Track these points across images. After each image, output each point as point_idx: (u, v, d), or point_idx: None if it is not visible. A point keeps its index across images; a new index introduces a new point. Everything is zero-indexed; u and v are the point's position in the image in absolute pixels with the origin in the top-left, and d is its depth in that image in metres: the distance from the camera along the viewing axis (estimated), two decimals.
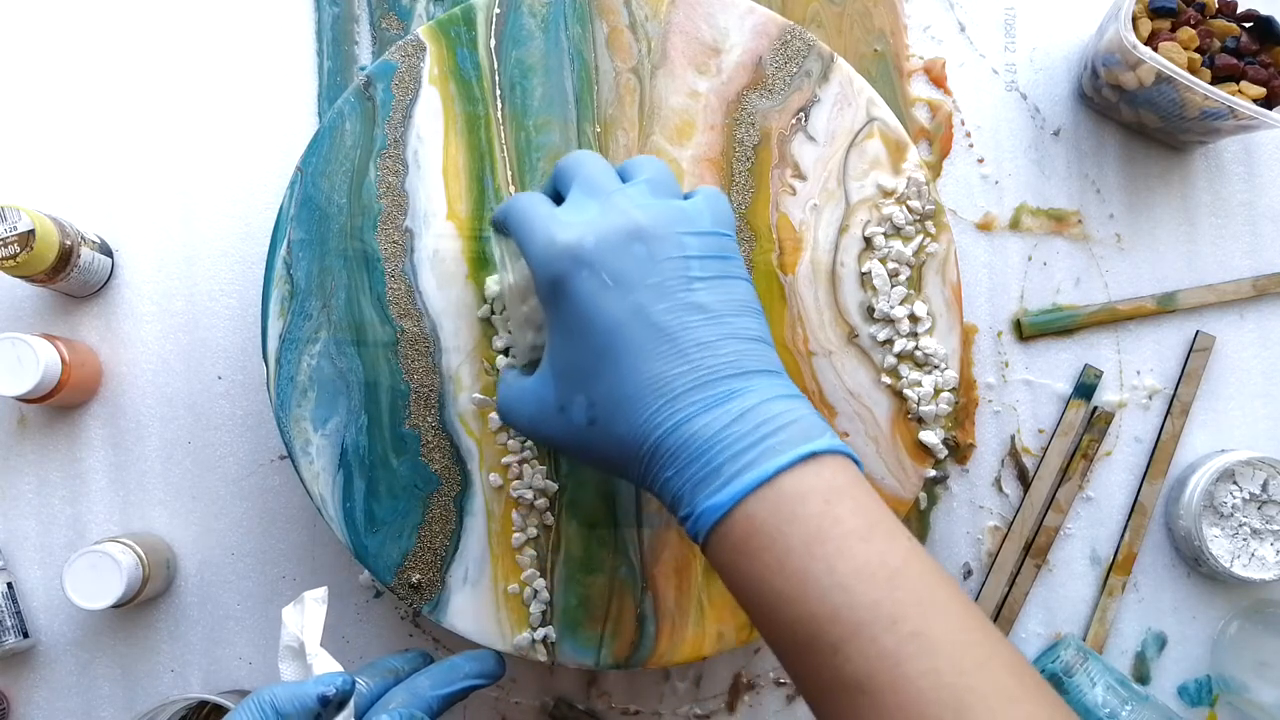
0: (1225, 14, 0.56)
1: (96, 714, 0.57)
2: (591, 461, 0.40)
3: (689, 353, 0.37)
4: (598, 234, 0.38)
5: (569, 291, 0.38)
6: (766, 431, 0.36)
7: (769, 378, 0.38)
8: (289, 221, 0.51)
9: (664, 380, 0.37)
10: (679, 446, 0.36)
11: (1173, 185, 0.61)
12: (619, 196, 0.40)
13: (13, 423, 0.58)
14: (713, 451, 0.36)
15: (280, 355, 0.51)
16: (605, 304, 0.38)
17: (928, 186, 0.53)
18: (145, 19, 0.60)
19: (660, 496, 0.38)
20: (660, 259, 0.38)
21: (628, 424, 0.37)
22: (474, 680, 0.45)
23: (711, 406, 0.36)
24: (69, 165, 0.59)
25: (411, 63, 0.52)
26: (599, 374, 0.38)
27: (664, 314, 0.37)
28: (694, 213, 0.40)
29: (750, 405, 0.36)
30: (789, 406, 0.37)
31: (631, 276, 0.38)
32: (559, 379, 0.39)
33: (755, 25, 0.53)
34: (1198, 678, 0.59)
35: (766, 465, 0.35)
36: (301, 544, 0.58)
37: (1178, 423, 0.59)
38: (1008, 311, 0.60)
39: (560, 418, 0.40)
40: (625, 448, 0.38)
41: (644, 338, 0.37)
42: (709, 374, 0.37)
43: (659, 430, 0.37)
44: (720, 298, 0.38)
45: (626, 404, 0.37)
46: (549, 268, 0.38)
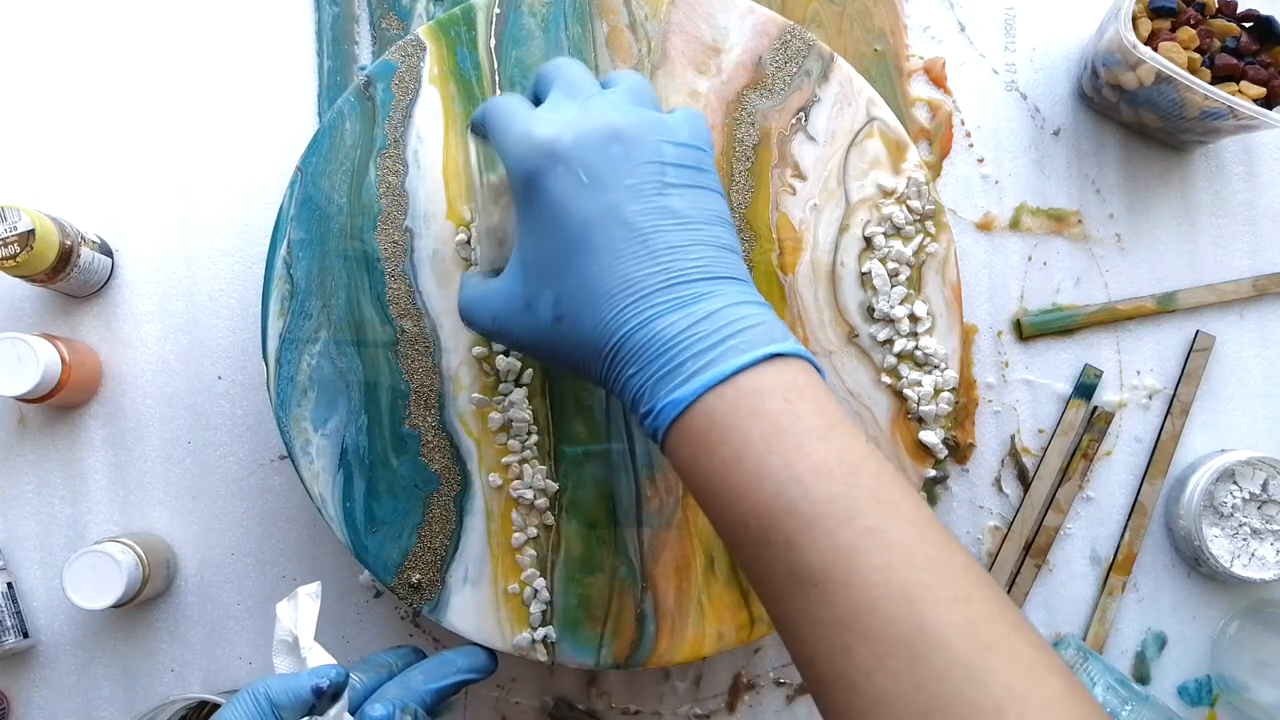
0: (1225, 14, 0.56)
1: (96, 714, 0.57)
2: (555, 361, 0.41)
3: (659, 254, 0.37)
4: (576, 132, 0.38)
5: (543, 186, 0.38)
6: (730, 332, 0.36)
7: (736, 284, 0.38)
8: (289, 221, 0.51)
9: (633, 279, 0.37)
10: (643, 344, 0.36)
11: (1173, 185, 0.61)
12: (598, 100, 0.40)
13: (13, 423, 0.58)
14: (676, 349, 0.36)
15: (280, 355, 0.51)
16: (579, 201, 0.38)
17: (928, 186, 0.53)
18: (145, 19, 0.60)
19: (622, 396, 0.38)
20: (636, 161, 0.38)
21: (594, 321, 0.37)
22: (466, 675, 0.46)
23: (678, 307, 0.36)
24: (69, 165, 0.59)
25: (411, 63, 0.52)
26: (568, 270, 0.38)
27: (637, 215, 0.37)
28: (673, 124, 0.40)
29: (716, 308, 0.36)
30: (755, 311, 0.37)
31: (607, 176, 0.38)
32: (527, 275, 0.39)
33: (755, 25, 0.53)
34: (1198, 678, 0.59)
35: (728, 363, 0.35)
36: (301, 544, 0.58)
37: (1178, 423, 0.59)
38: (1008, 311, 0.60)
39: (526, 315, 0.40)
40: (590, 345, 0.38)
41: (616, 236, 0.37)
42: (678, 276, 0.37)
43: (625, 328, 0.37)
44: (693, 205, 0.38)
45: (594, 301, 0.37)
46: (524, 162, 0.39)
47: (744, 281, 0.38)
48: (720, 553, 0.51)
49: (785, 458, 0.34)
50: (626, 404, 0.38)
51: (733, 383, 0.35)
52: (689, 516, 0.51)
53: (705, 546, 0.52)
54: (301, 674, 0.40)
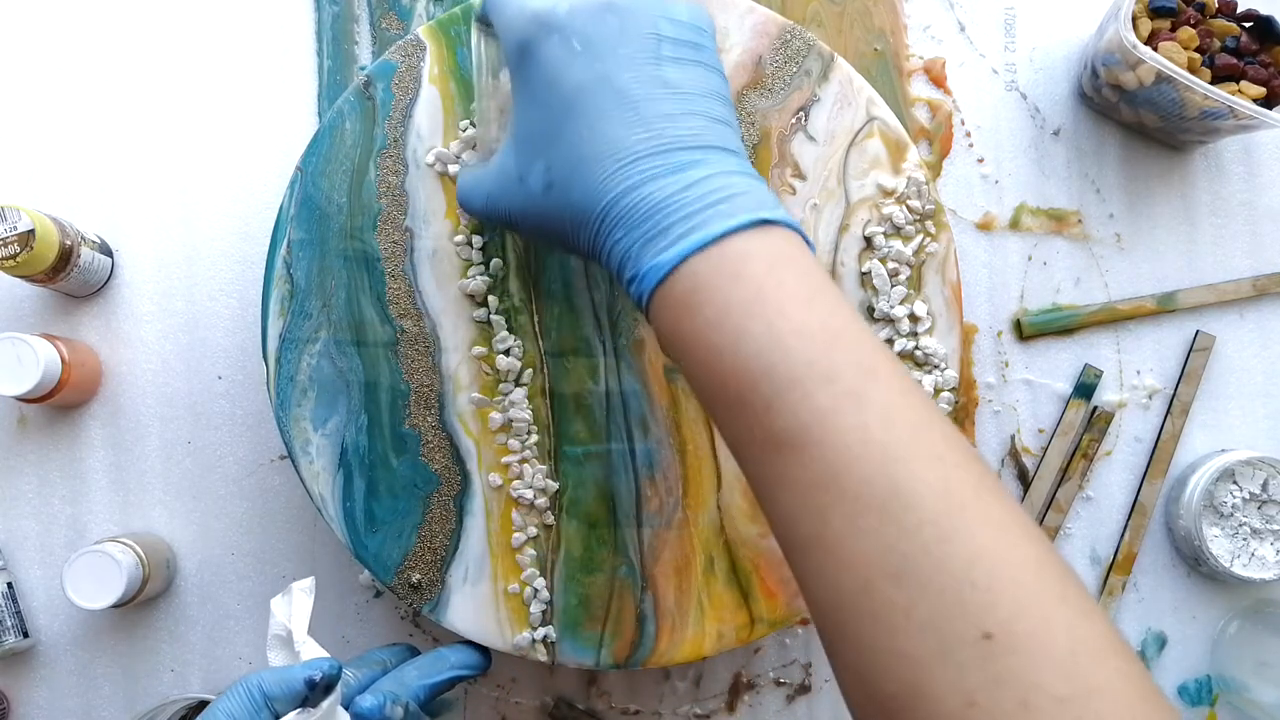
0: (1225, 14, 0.56)
1: (96, 714, 0.57)
2: (545, 233, 0.40)
3: (651, 122, 0.37)
4: (571, 2, 0.38)
5: (537, 55, 0.38)
6: (719, 198, 0.36)
7: (729, 155, 0.38)
8: (289, 221, 0.51)
9: (623, 145, 0.37)
10: (630, 209, 0.36)
11: (1173, 185, 0.61)
12: None
13: (13, 423, 0.58)
14: (663, 213, 0.36)
15: (280, 355, 0.51)
16: (572, 68, 0.38)
17: (928, 186, 0.53)
18: (145, 19, 0.60)
19: (609, 263, 0.38)
20: (632, 33, 0.38)
21: (583, 187, 0.37)
22: (459, 671, 0.46)
23: (668, 173, 0.36)
24: (69, 165, 0.59)
25: (411, 62, 0.52)
26: (559, 138, 0.38)
27: (630, 83, 0.37)
28: (672, 4, 0.40)
29: (706, 174, 0.36)
30: (746, 181, 0.37)
31: (601, 44, 0.38)
32: (520, 148, 0.40)
33: (755, 25, 0.53)
34: (1198, 678, 0.59)
35: (714, 227, 0.35)
36: (301, 544, 0.58)
37: (1178, 422, 0.59)
38: (1008, 311, 0.60)
39: (519, 188, 0.40)
40: (579, 212, 0.38)
41: (608, 103, 0.37)
42: (669, 143, 0.37)
43: (613, 193, 0.37)
44: (689, 79, 0.38)
45: (583, 167, 0.37)
46: (519, 32, 0.39)
47: (737, 154, 0.38)
48: (720, 553, 0.52)
49: (767, 321, 0.34)
50: (613, 271, 0.38)
51: (718, 246, 0.35)
52: (689, 516, 0.51)
53: (705, 546, 0.51)
54: (295, 666, 0.40)
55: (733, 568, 0.51)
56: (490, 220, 0.45)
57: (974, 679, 0.29)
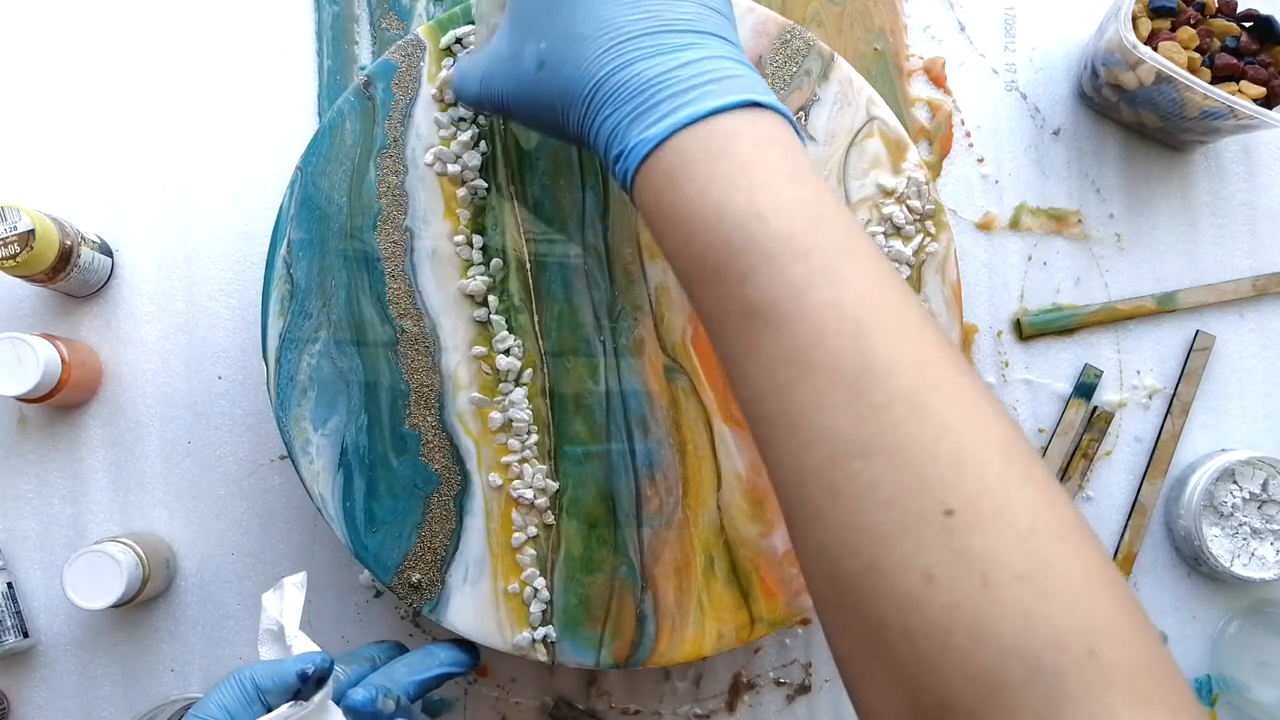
0: (1225, 14, 0.56)
1: (96, 714, 0.57)
2: (538, 115, 0.40)
3: (646, 3, 0.37)
4: None
5: None
6: (710, 79, 0.36)
7: (722, 41, 0.37)
8: (289, 221, 0.51)
9: (616, 23, 0.37)
10: (620, 86, 0.36)
11: (1173, 185, 0.61)
12: None
13: (13, 423, 0.58)
14: (653, 90, 0.36)
15: (280, 355, 0.51)
16: None
17: (927, 186, 0.53)
18: (145, 19, 0.60)
19: (596, 141, 0.37)
20: None
21: (575, 65, 0.37)
22: (449, 668, 0.46)
23: (660, 53, 0.36)
24: (69, 165, 0.59)
25: (411, 62, 0.52)
26: (554, 16, 0.38)
27: None
28: None
29: (699, 57, 0.36)
30: (739, 66, 0.37)
31: None
32: (516, 27, 0.40)
33: (755, 24, 0.53)
34: (1198, 677, 0.59)
35: (703, 105, 0.35)
36: (301, 544, 0.58)
37: (1178, 422, 0.59)
38: (1008, 311, 0.60)
39: (512, 68, 0.40)
40: (570, 90, 0.37)
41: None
42: (663, 25, 0.36)
43: (604, 69, 0.36)
44: None
45: (576, 45, 0.37)
46: None
47: (731, 42, 0.38)
48: (720, 552, 0.52)
49: (749, 194, 0.34)
50: (599, 151, 0.38)
51: (706, 124, 0.35)
52: (689, 516, 0.51)
53: (705, 546, 0.51)
54: (287, 660, 0.41)
55: (733, 568, 0.51)
56: (484, 105, 0.45)
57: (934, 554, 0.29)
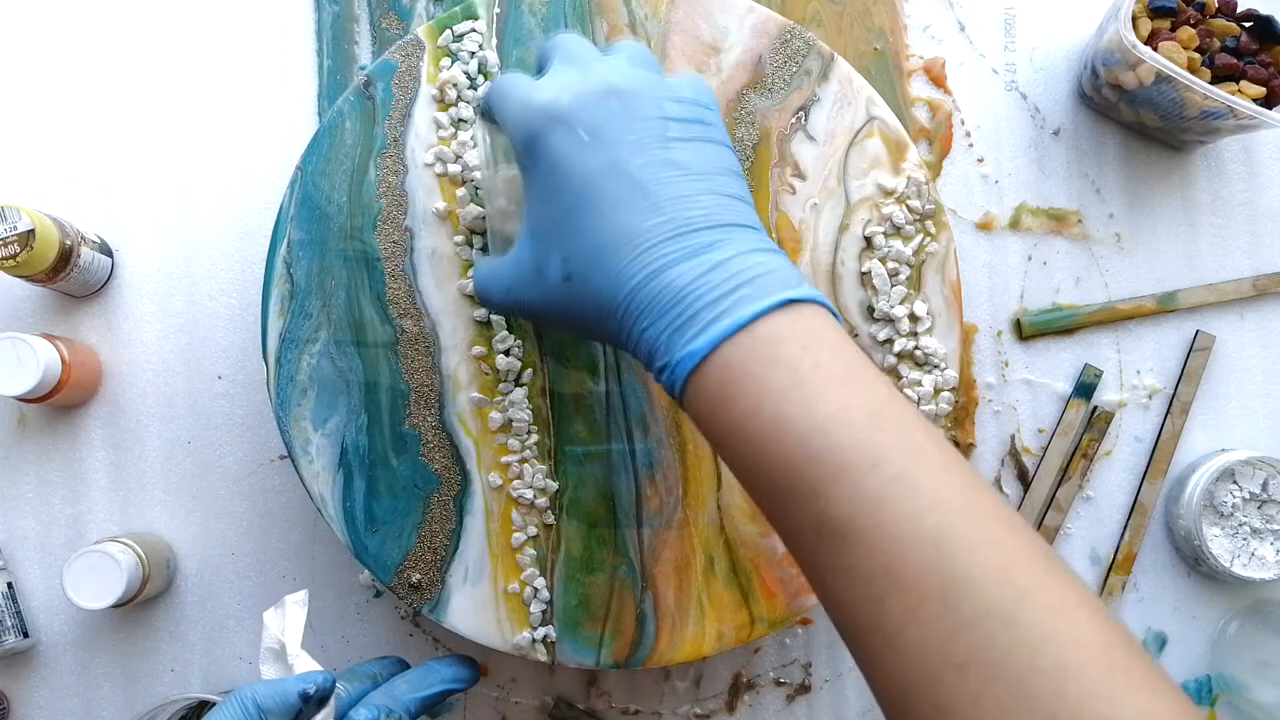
0: (1225, 14, 0.56)
1: (96, 714, 0.57)
2: (568, 323, 0.40)
3: (664, 205, 0.37)
4: (574, 92, 0.38)
5: (545, 147, 0.38)
6: (743, 280, 0.35)
7: (746, 231, 0.37)
8: (289, 221, 0.51)
9: (639, 231, 0.36)
10: (654, 296, 0.36)
11: (1173, 185, 0.61)
12: (598, 63, 0.40)
13: (13, 423, 0.58)
14: (689, 299, 0.35)
15: (280, 355, 0.51)
16: (581, 158, 0.37)
17: (927, 186, 0.53)
18: (145, 19, 0.60)
19: (637, 352, 0.37)
20: (638, 117, 0.38)
21: (603, 276, 0.37)
22: (450, 684, 0.46)
23: (687, 257, 0.36)
24: (69, 165, 0.59)
25: (411, 62, 0.52)
26: (574, 228, 0.38)
27: (640, 168, 0.37)
28: (674, 83, 0.40)
29: (727, 256, 0.36)
30: (767, 258, 0.36)
31: (608, 131, 0.38)
32: (536, 240, 0.39)
33: (755, 24, 0.53)
34: (1198, 678, 0.59)
35: (743, 311, 0.35)
36: (301, 544, 0.58)
37: (1178, 422, 0.59)
38: (1008, 311, 0.60)
39: (537, 280, 0.39)
40: (601, 301, 0.37)
41: (620, 190, 0.37)
42: (685, 225, 0.36)
43: (634, 280, 0.36)
44: (698, 157, 0.38)
45: (601, 256, 0.37)
46: (525, 126, 0.38)
47: (754, 229, 0.38)
48: (720, 552, 0.52)
49: (806, 406, 0.33)
50: (642, 360, 0.38)
51: (749, 331, 0.34)
52: (689, 516, 0.51)
53: (705, 546, 0.51)
54: (288, 679, 0.41)
55: (733, 568, 0.51)
56: (510, 312, 0.45)
57: None
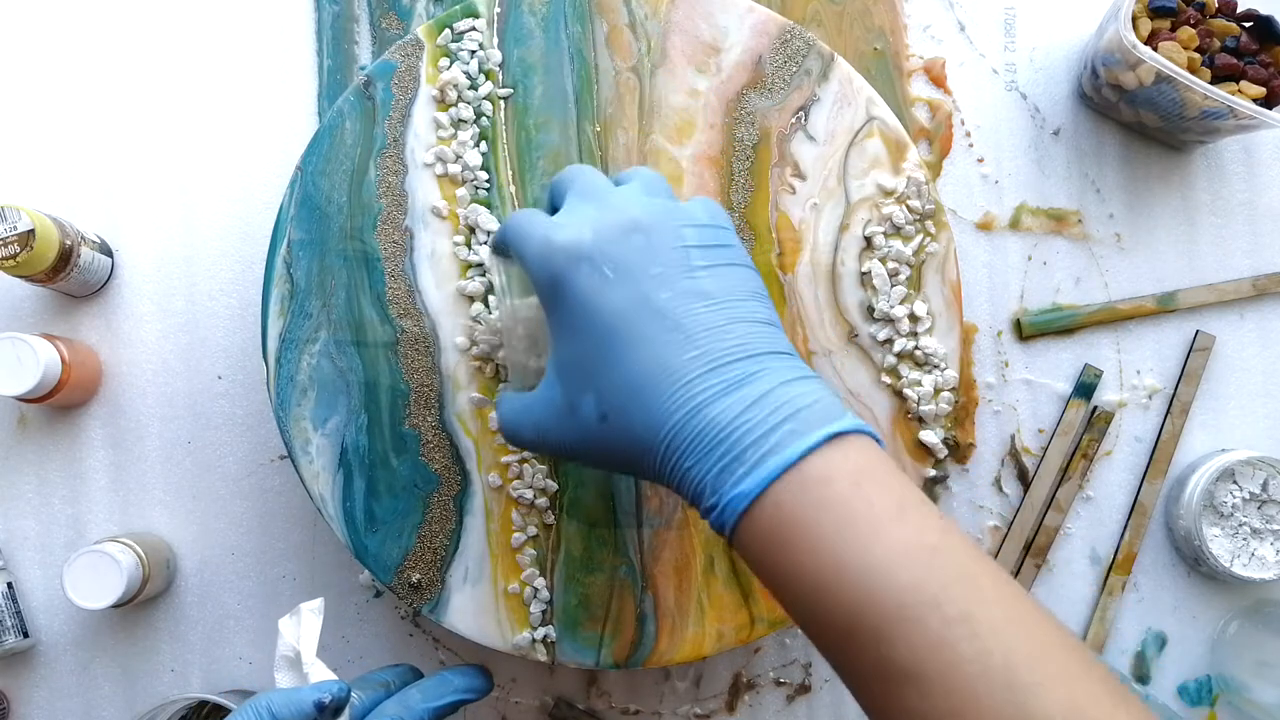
0: (1225, 14, 0.56)
1: (96, 714, 0.57)
2: (606, 462, 0.40)
3: (696, 338, 0.36)
4: (595, 228, 0.38)
5: (570, 287, 0.38)
6: (786, 414, 0.35)
7: (781, 359, 0.37)
8: (289, 221, 0.51)
9: (674, 367, 0.36)
10: (697, 435, 0.35)
11: (1173, 185, 0.61)
12: (614, 196, 0.40)
13: (13, 423, 0.58)
14: (733, 438, 0.35)
15: (280, 355, 0.51)
16: (607, 295, 0.37)
17: (927, 186, 0.53)
18: (145, 19, 0.60)
19: (681, 489, 0.37)
20: (660, 248, 0.38)
21: (642, 414, 0.36)
22: (463, 694, 0.46)
23: (727, 391, 0.35)
24: (69, 165, 0.59)
25: (411, 62, 0.52)
26: (606, 367, 0.37)
27: (668, 301, 0.37)
28: (690, 209, 0.40)
29: (767, 389, 0.35)
30: (806, 388, 0.36)
31: (632, 266, 0.37)
32: (565, 380, 0.39)
33: (755, 24, 0.53)
34: (1198, 678, 0.59)
35: (790, 449, 0.34)
36: (301, 544, 0.58)
37: (1178, 422, 0.59)
38: (1008, 311, 0.60)
39: (570, 420, 0.39)
40: (640, 440, 0.37)
41: (649, 326, 0.37)
42: (719, 358, 0.36)
43: (674, 417, 0.36)
44: (724, 284, 0.38)
45: (638, 394, 0.36)
46: (547, 266, 0.38)
47: (789, 355, 0.37)
48: (720, 552, 0.51)
49: (863, 547, 0.33)
50: (686, 498, 0.37)
51: (797, 469, 0.34)
52: (689, 516, 0.51)
53: (705, 546, 0.51)
54: (304, 688, 0.40)
55: (733, 568, 0.51)
56: (541, 451, 0.44)
57: None
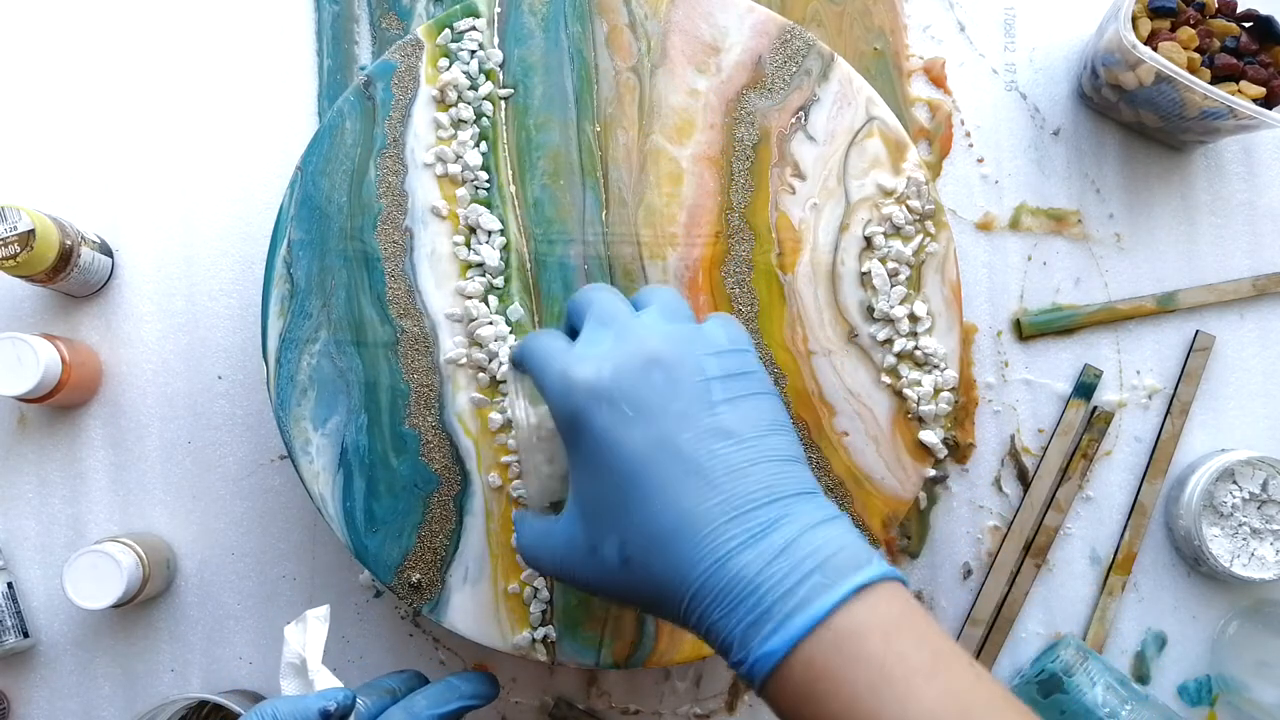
0: (1225, 14, 0.56)
1: (96, 714, 0.57)
2: (628, 602, 0.39)
3: (720, 483, 0.36)
4: (614, 364, 0.38)
5: (590, 427, 0.37)
6: (813, 565, 0.34)
7: (806, 501, 0.36)
8: (289, 221, 0.51)
9: (698, 515, 0.35)
10: (724, 587, 0.35)
11: (1173, 185, 0.61)
12: (633, 324, 0.39)
13: (13, 423, 0.58)
14: (760, 592, 0.34)
15: (280, 355, 0.51)
16: (628, 437, 0.37)
17: (927, 186, 0.53)
18: (145, 18, 0.60)
19: (708, 639, 0.36)
20: (680, 383, 0.37)
21: (665, 563, 0.36)
22: (469, 700, 0.46)
23: (752, 541, 0.35)
24: (69, 165, 0.59)
25: (411, 62, 0.52)
26: (629, 511, 0.37)
27: (690, 442, 0.36)
28: (710, 333, 0.39)
29: (792, 537, 0.35)
30: (832, 533, 0.36)
31: (652, 405, 0.37)
32: (587, 519, 0.38)
33: (755, 24, 0.53)
34: (1198, 677, 0.59)
35: (819, 604, 0.34)
36: (301, 544, 0.58)
37: (1177, 422, 0.59)
38: (1007, 311, 0.60)
39: (592, 559, 0.38)
40: (664, 588, 0.36)
41: (672, 470, 0.36)
42: (745, 504, 0.36)
43: (699, 569, 0.35)
44: (746, 418, 0.37)
45: (662, 542, 0.36)
46: (567, 403, 0.38)
47: (814, 495, 0.37)
48: None
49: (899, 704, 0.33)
50: (714, 647, 0.37)
51: (828, 625, 0.33)
52: None
53: None
54: (309, 696, 0.41)
55: None
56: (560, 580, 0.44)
57: None
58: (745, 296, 0.52)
